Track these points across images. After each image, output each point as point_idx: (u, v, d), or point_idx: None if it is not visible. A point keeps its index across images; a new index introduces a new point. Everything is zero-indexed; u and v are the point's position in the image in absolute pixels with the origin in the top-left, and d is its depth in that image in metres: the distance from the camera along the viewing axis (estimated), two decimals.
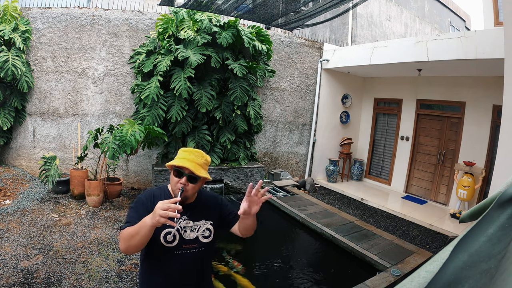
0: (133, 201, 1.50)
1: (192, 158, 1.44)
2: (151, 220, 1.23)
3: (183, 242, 1.44)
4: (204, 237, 1.51)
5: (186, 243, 1.45)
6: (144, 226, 1.25)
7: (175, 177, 1.44)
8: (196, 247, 1.47)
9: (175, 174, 1.44)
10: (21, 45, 4.94)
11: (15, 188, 4.86)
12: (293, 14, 4.52)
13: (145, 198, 1.48)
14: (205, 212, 1.54)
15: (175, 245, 1.43)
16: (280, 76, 6.88)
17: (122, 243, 1.33)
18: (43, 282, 2.81)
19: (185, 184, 1.42)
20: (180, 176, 1.43)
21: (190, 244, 1.46)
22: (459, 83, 5.91)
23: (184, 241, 1.45)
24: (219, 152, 5.88)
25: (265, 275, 3.44)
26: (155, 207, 1.23)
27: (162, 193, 1.52)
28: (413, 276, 0.45)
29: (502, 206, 0.46)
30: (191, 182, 1.43)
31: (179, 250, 1.44)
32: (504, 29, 2.99)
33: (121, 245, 1.34)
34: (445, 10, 13.88)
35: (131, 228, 1.30)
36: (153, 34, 5.64)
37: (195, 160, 1.44)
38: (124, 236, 1.32)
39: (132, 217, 1.39)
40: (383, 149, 7.52)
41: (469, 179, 5.26)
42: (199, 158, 1.46)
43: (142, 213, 1.37)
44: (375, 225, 4.85)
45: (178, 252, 1.44)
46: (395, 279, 3.10)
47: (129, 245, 1.30)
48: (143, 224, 1.26)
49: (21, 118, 5.34)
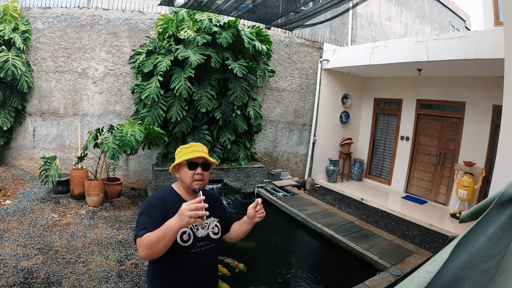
0: (142, 206, 1.48)
1: (198, 149, 1.53)
2: (178, 223, 1.22)
3: (196, 240, 1.48)
4: (214, 234, 1.55)
5: (199, 240, 1.49)
6: (170, 230, 1.24)
7: (190, 171, 1.49)
8: (208, 244, 1.52)
9: (191, 167, 1.49)
10: (21, 45, 4.94)
11: (15, 188, 4.86)
12: (293, 14, 4.52)
13: (156, 202, 1.46)
14: (212, 210, 1.55)
15: (190, 244, 1.45)
16: (280, 76, 6.88)
17: (144, 250, 1.29)
18: (43, 282, 2.81)
19: (202, 174, 1.50)
20: (195, 167, 1.50)
21: (203, 242, 1.50)
22: (459, 83, 5.91)
23: (197, 239, 1.48)
24: (219, 152, 5.88)
25: (265, 275, 3.44)
26: (181, 209, 1.23)
27: (171, 195, 1.54)
28: (413, 276, 0.45)
29: (502, 206, 0.46)
30: (206, 170, 1.53)
31: (194, 248, 1.46)
32: (504, 29, 2.99)
33: (142, 252, 1.30)
34: (445, 10, 13.88)
35: (153, 234, 1.27)
36: (153, 34, 5.64)
37: (202, 150, 1.54)
38: (146, 243, 1.28)
39: (147, 222, 1.37)
40: (383, 149, 7.52)
41: (469, 179, 5.26)
42: (203, 148, 1.57)
43: (155, 217, 1.38)
44: (375, 225, 4.84)
45: (194, 250, 1.46)
46: (395, 279, 3.10)
47: (154, 251, 1.28)
48: (168, 228, 1.24)
49: (21, 118, 5.34)
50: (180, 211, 1.24)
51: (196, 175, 1.49)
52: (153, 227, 1.31)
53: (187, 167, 1.50)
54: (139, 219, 1.42)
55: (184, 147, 1.56)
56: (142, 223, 1.38)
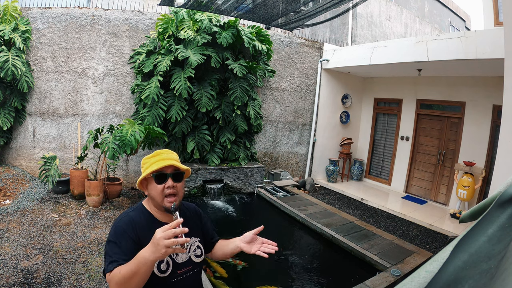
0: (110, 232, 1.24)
1: (165, 156, 1.31)
2: (153, 255, 1.02)
3: (176, 267, 1.27)
4: (197, 257, 1.35)
5: (180, 267, 1.28)
6: (144, 264, 1.03)
7: (158, 185, 1.26)
8: (190, 270, 1.31)
9: (158, 181, 1.27)
10: (21, 45, 4.94)
11: (15, 188, 4.86)
12: (293, 14, 4.52)
13: (125, 227, 1.23)
14: (192, 229, 1.30)
15: (169, 274, 1.25)
16: (280, 76, 6.88)
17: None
18: (43, 282, 2.81)
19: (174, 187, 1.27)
20: (164, 179, 1.27)
21: (184, 268, 1.29)
22: (459, 83, 5.91)
23: (177, 266, 1.28)
24: (219, 152, 5.88)
25: (265, 275, 3.44)
26: (155, 238, 1.02)
27: (142, 215, 1.30)
28: (413, 276, 0.45)
29: (502, 206, 0.46)
30: (178, 180, 1.29)
31: (175, 277, 1.26)
32: (504, 29, 2.99)
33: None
34: (445, 10, 13.88)
35: (124, 268, 1.07)
36: (153, 34, 5.64)
37: (171, 157, 1.32)
38: (117, 280, 1.06)
39: (116, 253, 1.15)
40: (383, 149, 7.52)
41: (469, 179, 5.26)
42: (172, 154, 1.34)
43: (126, 246, 1.17)
44: (375, 225, 4.84)
45: (174, 279, 1.26)
46: (395, 279, 3.10)
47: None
48: (142, 261, 1.03)
49: (21, 118, 5.34)
50: (154, 240, 1.02)
51: (167, 189, 1.25)
52: (124, 259, 1.11)
53: (154, 181, 1.27)
54: (107, 248, 1.19)
55: (149, 157, 1.32)
56: (111, 254, 1.15)
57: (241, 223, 4.97)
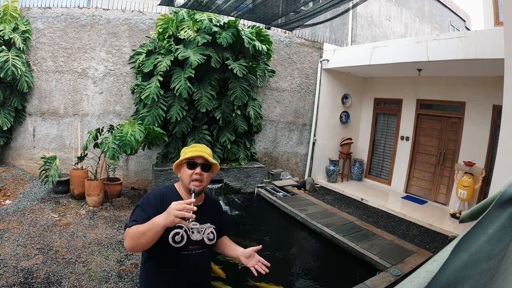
0: (140, 200, 1.49)
1: (201, 149, 1.53)
2: (164, 220, 1.24)
3: (189, 243, 1.47)
4: (209, 240, 1.54)
5: (192, 244, 1.48)
6: (156, 226, 1.25)
7: (189, 170, 1.49)
8: (200, 248, 1.51)
9: (189, 167, 1.49)
10: (21, 45, 4.94)
11: (15, 188, 4.86)
12: (293, 14, 4.52)
13: (153, 198, 1.47)
14: (210, 216, 1.59)
15: (182, 246, 1.45)
16: (280, 76, 6.88)
17: (129, 241, 1.31)
18: (43, 282, 2.81)
19: (201, 174, 1.49)
20: (194, 167, 1.49)
21: (196, 245, 1.49)
22: (459, 83, 5.91)
23: (191, 242, 1.47)
24: (219, 152, 5.88)
25: (265, 275, 3.43)
26: (169, 207, 1.24)
27: (171, 193, 1.54)
28: (413, 276, 0.45)
29: (502, 206, 0.46)
30: (205, 170, 1.51)
31: (186, 250, 1.46)
32: (504, 29, 2.99)
33: (127, 243, 1.33)
34: (445, 10, 13.88)
35: (140, 226, 1.30)
36: (153, 34, 5.64)
37: (204, 150, 1.54)
38: (131, 234, 1.30)
39: (139, 216, 1.38)
40: (383, 149, 7.52)
41: (469, 179, 5.26)
42: (206, 149, 1.56)
43: (150, 212, 1.38)
44: (375, 225, 4.84)
45: (185, 252, 1.46)
46: (395, 279, 3.10)
47: (136, 243, 1.30)
48: (155, 224, 1.26)
49: (21, 118, 5.34)
50: (168, 209, 1.25)
51: (195, 174, 1.48)
52: (144, 221, 1.32)
53: (186, 167, 1.51)
54: (134, 211, 1.44)
55: (187, 147, 1.58)
56: (135, 215, 1.41)
57: (241, 223, 4.97)
